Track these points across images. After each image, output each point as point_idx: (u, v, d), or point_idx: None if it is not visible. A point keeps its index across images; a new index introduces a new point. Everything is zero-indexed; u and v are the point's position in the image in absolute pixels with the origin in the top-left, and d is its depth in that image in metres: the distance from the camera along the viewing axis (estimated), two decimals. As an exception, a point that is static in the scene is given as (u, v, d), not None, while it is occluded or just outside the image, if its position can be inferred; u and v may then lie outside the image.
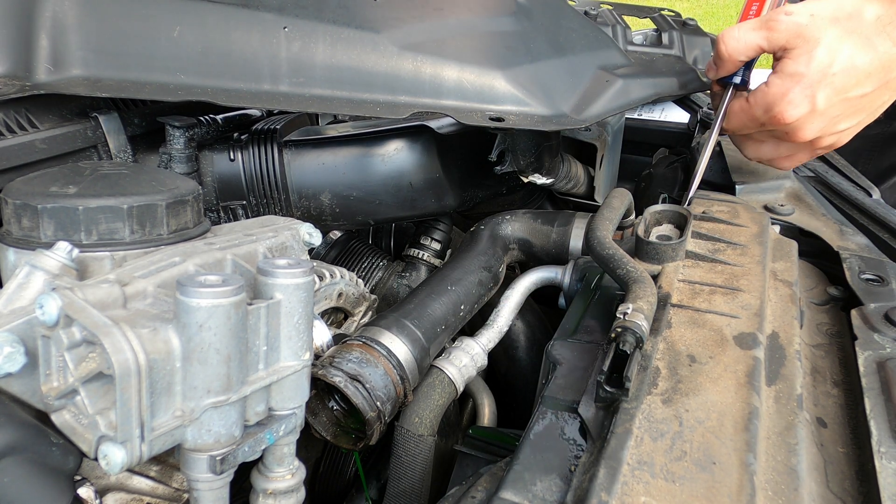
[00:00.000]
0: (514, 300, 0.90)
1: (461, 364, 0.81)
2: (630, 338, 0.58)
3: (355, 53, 0.82)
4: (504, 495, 0.50)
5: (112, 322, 0.47)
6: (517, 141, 0.97)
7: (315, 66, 0.80)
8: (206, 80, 0.76)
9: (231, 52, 0.78)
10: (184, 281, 0.49)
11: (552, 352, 0.68)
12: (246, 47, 0.78)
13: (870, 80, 0.87)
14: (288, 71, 0.79)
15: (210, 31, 0.77)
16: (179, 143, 0.85)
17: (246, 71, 0.78)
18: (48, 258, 0.55)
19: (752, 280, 0.74)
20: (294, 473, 0.62)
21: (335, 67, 0.81)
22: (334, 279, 0.81)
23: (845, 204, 1.04)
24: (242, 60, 0.78)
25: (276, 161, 0.91)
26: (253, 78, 0.78)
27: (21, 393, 0.52)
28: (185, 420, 0.50)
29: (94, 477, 0.59)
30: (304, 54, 0.80)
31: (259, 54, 0.78)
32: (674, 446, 0.52)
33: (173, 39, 0.75)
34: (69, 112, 0.79)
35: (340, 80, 0.81)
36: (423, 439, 0.76)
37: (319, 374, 0.70)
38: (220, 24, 0.77)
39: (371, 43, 0.83)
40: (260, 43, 0.79)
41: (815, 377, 0.68)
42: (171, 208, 0.64)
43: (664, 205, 0.85)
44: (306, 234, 0.73)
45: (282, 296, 0.55)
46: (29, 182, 0.63)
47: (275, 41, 0.79)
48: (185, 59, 0.76)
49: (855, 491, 0.55)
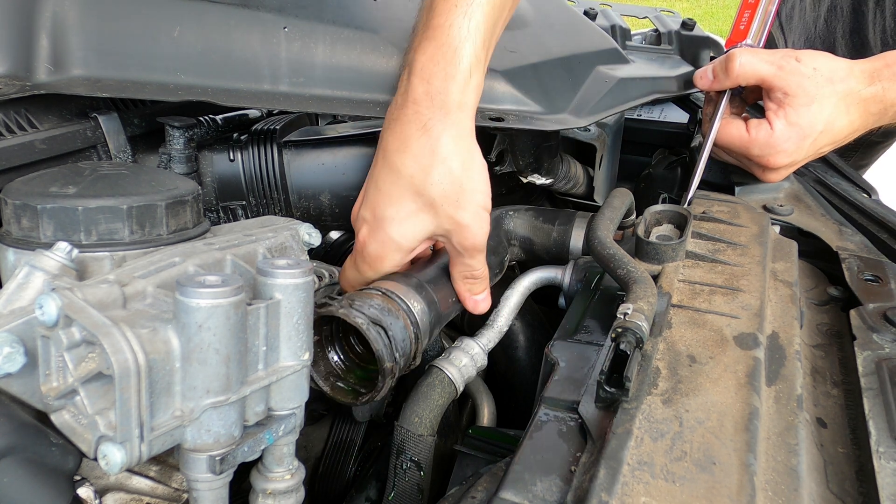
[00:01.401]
0: (514, 300, 0.90)
1: (461, 364, 0.81)
2: (630, 338, 0.58)
3: (355, 54, 0.82)
4: (504, 495, 0.50)
5: (111, 322, 0.47)
6: (516, 141, 0.97)
7: (315, 66, 0.80)
8: (207, 80, 0.76)
9: (231, 51, 0.77)
10: (183, 281, 0.49)
11: (552, 352, 0.68)
12: (246, 47, 0.78)
13: (836, 141, 0.99)
14: (288, 71, 0.79)
15: (210, 31, 0.77)
16: (179, 144, 0.85)
17: (246, 71, 0.78)
18: (48, 258, 0.55)
19: (752, 280, 0.74)
20: (293, 473, 0.62)
21: (335, 67, 0.81)
22: (334, 279, 0.81)
23: (844, 204, 1.04)
24: (242, 60, 0.78)
25: (276, 161, 0.91)
26: (253, 78, 0.78)
27: (20, 393, 0.52)
28: (185, 420, 0.50)
29: (93, 477, 0.59)
30: (304, 54, 0.80)
31: (259, 54, 0.78)
32: (674, 446, 0.52)
33: (174, 39, 0.75)
34: (69, 112, 0.79)
35: (340, 80, 0.81)
36: (422, 439, 0.76)
37: (340, 314, 0.66)
38: (221, 24, 0.77)
39: (370, 43, 0.83)
40: (260, 43, 0.79)
41: (815, 377, 0.68)
42: (171, 209, 0.64)
43: (664, 205, 0.85)
44: (306, 234, 0.73)
45: (281, 296, 0.55)
46: (28, 182, 0.63)
47: (275, 41, 0.79)
48: (186, 58, 0.75)
49: (855, 491, 0.55)
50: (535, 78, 0.89)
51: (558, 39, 0.99)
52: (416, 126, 0.70)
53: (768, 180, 1.03)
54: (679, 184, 1.16)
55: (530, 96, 0.87)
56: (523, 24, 0.97)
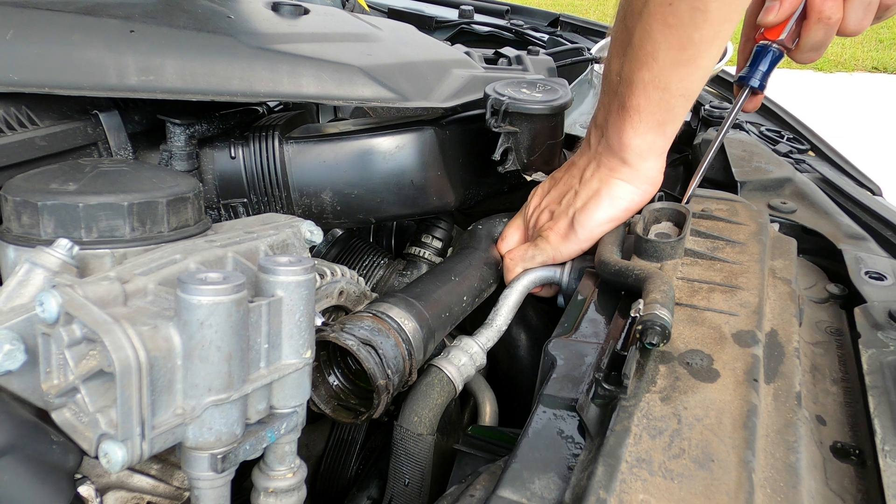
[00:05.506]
0: (513, 299, 0.90)
1: (460, 363, 0.81)
2: (657, 329, 0.59)
3: (209, 54, 0.82)
4: (502, 493, 0.50)
5: (112, 319, 0.47)
6: (520, 140, 0.97)
7: (166, 64, 0.80)
8: (43, 78, 0.75)
9: (71, 52, 0.76)
10: (185, 278, 0.49)
11: (550, 350, 0.68)
12: (89, 49, 0.77)
13: None
14: (136, 69, 0.78)
15: (47, 34, 0.76)
16: (180, 141, 0.85)
17: (89, 70, 0.76)
18: (48, 255, 0.55)
19: (750, 278, 0.74)
20: (295, 472, 0.62)
21: (187, 65, 0.81)
22: (335, 277, 0.81)
23: (848, 202, 1.04)
24: (84, 61, 0.76)
25: (277, 158, 0.91)
26: (98, 76, 0.77)
27: (21, 391, 0.52)
28: (187, 418, 0.50)
29: (94, 475, 0.59)
30: (154, 53, 0.79)
31: (104, 55, 0.77)
32: (672, 444, 0.52)
33: (6, 42, 0.74)
34: (69, 109, 0.79)
35: (194, 75, 0.80)
36: (422, 438, 0.76)
37: (331, 338, 0.70)
38: (60, 29, 0.77)
39: (227, 45, 0.83)
40: (105, 45, 0.77)
41: (815, 375, 0.68)
42: (172, 206, 0.64)
43: (663, 202, 0.85)
44: (307, 231, 0.73)
45: (283, 293, 0.55)
46: (29, 179, 0.63)
47: (122, 43, 0.78)
48: (19, 59, 0.74)
49: (854, 489, 0.55)
50: (395, 73, 0.94)
51: (413, 50, 1.06)
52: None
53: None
54: (682, 181, 1.16)
55: (388, 86, 0.91)
56: (377, 39, 1.03)
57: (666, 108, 0.79)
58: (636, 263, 0.75)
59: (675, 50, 0.74)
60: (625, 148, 0.83)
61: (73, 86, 0.75)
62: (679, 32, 0.72)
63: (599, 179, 0.87)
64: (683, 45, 0.73)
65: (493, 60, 1.29)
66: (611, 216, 0.86)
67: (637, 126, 0.81)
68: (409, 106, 0.91)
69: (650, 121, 0.80)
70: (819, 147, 1.31)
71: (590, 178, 0.88)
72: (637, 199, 0.86)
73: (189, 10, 0.87)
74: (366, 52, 0.96)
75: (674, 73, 0.76)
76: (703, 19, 0.71)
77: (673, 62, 0.75)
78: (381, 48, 1.00)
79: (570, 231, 0.88)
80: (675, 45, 0.73)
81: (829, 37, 0.87)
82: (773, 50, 0.91)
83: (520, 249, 0.93)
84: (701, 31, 0.72)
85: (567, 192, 0.91)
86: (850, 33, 0.86)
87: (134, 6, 0.84)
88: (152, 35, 0.80)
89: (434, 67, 1.03)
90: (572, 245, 0.89)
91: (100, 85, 0.76)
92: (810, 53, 0.89)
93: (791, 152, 1.26)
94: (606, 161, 0.86)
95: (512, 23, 2.09)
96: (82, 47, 0.76)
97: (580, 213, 0.87)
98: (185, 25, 0.83)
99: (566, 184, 0.92)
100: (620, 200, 0.86)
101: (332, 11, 1.14)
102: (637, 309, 0.63)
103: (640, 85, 0.78)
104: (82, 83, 0.76)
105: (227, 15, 0.90)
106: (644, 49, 0.75)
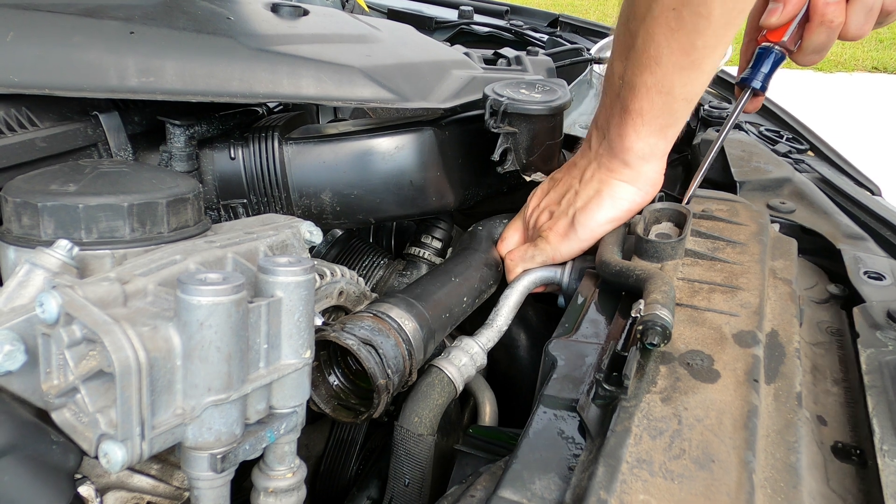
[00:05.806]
0: (514, 299, 0.90)
1: (460, 363, 0.81)
2: (658, 329, 0.59)
3: (208, 55, 0.82)
4: (503, 494, 0.50)
5: (112, 320, 0.47)
6: (519, 141, 0.97)
7: (165, 66, 0.80)
8: (44, 80, 0.75)
9: (70, 54, 0.76)
10: (184, 279, 0.49)
11: (551, 350, 0.68)
12: (89, 50, 0.77)
13: None
14: (136, 71, 0.78)
15: (48, 36, 0.76)
16: (180, 142, 0.85)
17: (89, 72, 0.77)
18: (48, 256, 0.55)
19: (751, 278, 0.74)
20: (295, 472, 0.62)
21: (187, 67, 0.81)
22: (335, 277, 0.81)
23: (847, 202, 1.03)
24: (84, 63, 0.77)
25: (277, 159, 0.91)
26: (99, 78, 0.77)
27: (21, 391, 0.52)
28: (186, 418, 0.50)
29: (94, 475, 0.59)
30: (154, 54, 0.79)
31: (104, 56, 0.77)
32: (673, 444, 0.52)
33: (6, 44, 0.74)
34: (69, 111, 0.79)
35: (194, 76, 0.81)
36: (422, 439, 0.76)
37: (331, 337, 0.70)
38: (60, 31, 0.77)
39: (227, 46, 0.83)
40: (104, 46, 0.78)
41: (815, 375, 0.68)
42: (172, 206, 0.64)
43: (663, 203, 0.85)
44: (307, 232, 0.73)
45: (283, 294, 0.55)
46: (29, 180, 0.63)
47: (122, 45, 0.78)
48: (20, 61, 0.74)
49: (855, 489, 0.55)
50: (394, 74, 0.94)
51: (412, 50, 1.06)
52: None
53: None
54: (681, 182, 1.16)
55: (387, 87, 0.91)
56: (377, 40, 1.03)
57: (668, 112, 0.79)
58: (637, 264, 0.75)
59: (678, 54, 0.74)
60: (626, 150, 0.83)
61: (74, 87, 0.75)
62: (682, 37, 0.72)
63: (600, 180, 0.87)
64: (687, 49, 0.73)
65: (492, 61, 1.29)
66: (612, 216, 0.86)
67: (639, 129, 0.81)
68: (409, 107, 0.92)
69: (653, 124, 0.80)
70: (818, 147, 1.31)
71: (590, 179, 0.88)
72: (638, 201, 0.86)
73: (189, 12, 0.87)
74: (365, 52, 0.97)
75: (677, 77, 0.76)
76: (706, 24, 0.71)
77: (676, 66, 0.75)
78: (381, 49, 1.01)
79: (571, 231, 0.88)
80: (679, 50, 0.73)
81: (830, 40, 0.87)
82: (775, 52, 0.91)
83: (520, 250, 0.93)
84: (704, 36, 0.72)
85: (567, 193, 0.91)
86: (851, 37, 0.86)
87: (134, 8, 0.84)
88: (152, 36, 0.80)
89: (433, 68, 1.04)
90: (572, 245, 0.89)
91: (100, 86, 0.76)
92: (812, 56, 0.89)
93: (790, 152, 1.26)
94: (607, 162, 0.86)
95: (511, 23, 2.09)
96: (82, 49, 0.77)
97: (581, 212, 0.87)
98: (185, 27, 0.84)
99: (566, 184, 0.92)
100: (622, 201, 0.86)
101: (331, 12, 1.15)
102: (638, 309, 0.63)
103: (642, 89, 0.78)
104: (82, 84, 0.76)
105: (226, 16, 0.90)
106: (647, 53, 0.75)
